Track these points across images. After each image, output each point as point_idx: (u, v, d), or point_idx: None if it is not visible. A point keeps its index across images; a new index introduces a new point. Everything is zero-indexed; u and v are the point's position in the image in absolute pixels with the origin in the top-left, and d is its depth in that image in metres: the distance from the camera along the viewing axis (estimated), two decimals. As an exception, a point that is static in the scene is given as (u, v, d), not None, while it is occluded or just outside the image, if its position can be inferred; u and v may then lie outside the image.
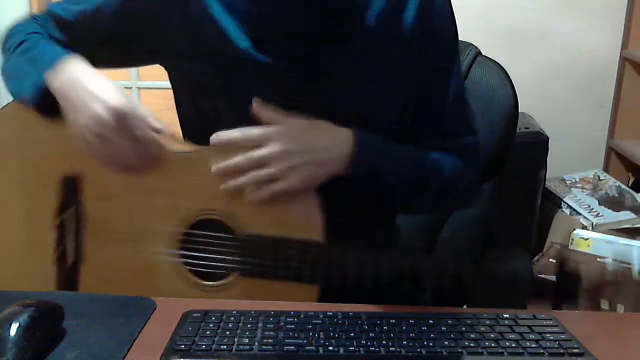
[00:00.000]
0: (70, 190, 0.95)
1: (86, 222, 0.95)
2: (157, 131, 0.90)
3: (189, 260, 0.93)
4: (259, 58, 0.90)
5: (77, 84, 0.89)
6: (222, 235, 0.91)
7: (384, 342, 0.71)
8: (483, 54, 1.28)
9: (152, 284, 0.93)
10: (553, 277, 0.86)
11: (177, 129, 1.12)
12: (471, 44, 1.30)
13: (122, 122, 0.86)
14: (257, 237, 0.90)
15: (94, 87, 0.88)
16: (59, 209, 0.95)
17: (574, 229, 2.03)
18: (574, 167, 2.39)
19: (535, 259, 1.86)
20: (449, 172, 0.98)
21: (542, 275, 0.86)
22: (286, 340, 0.71)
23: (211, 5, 0.90)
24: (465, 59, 1.27)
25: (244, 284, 0.92)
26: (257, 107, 0.87)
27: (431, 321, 0.76)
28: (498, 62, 1.27)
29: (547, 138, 2.16)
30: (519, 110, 1.25)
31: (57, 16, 1.00)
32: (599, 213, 2.13)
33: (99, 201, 0.95)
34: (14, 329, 0.68)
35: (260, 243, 0.90)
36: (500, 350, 0.71)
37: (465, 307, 0.88)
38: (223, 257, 0.92)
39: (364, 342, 0.71)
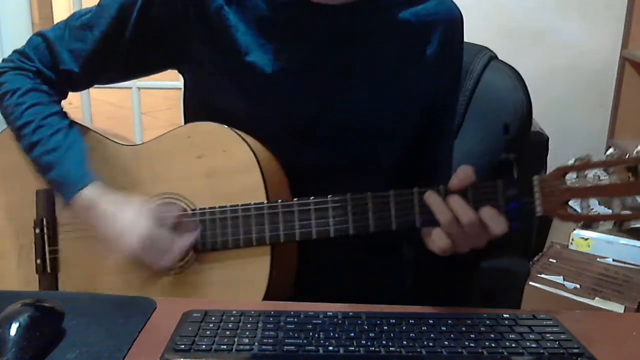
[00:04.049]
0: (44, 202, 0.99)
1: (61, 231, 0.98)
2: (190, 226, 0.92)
3: None
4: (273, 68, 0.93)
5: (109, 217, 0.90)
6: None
7: (384, 342, 0.71)
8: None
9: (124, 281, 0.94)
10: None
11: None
12: (486, 48, 1.29)
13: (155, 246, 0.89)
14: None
15: (122, 222, 0.89)
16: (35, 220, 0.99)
17: (574, 229, 2.03)
18: (574, 167, 2.39)
19: (535, 258, 1.86)
20: None
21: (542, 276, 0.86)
22: (286, 340, 0.71)
23: (229, 17, 0.92)
24: (479, 62, 1.27)
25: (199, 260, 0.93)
26: None
27: (431, 321, 0.76)
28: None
29: (547, 138, 2.15)
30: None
31: (76, 50, 0.98)
32: (598, 213, 2.12)
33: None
34: (14, 329, 0.68)
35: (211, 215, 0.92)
36: (500, 350, 0.71)
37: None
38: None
39: (364, 342, 0.71)
